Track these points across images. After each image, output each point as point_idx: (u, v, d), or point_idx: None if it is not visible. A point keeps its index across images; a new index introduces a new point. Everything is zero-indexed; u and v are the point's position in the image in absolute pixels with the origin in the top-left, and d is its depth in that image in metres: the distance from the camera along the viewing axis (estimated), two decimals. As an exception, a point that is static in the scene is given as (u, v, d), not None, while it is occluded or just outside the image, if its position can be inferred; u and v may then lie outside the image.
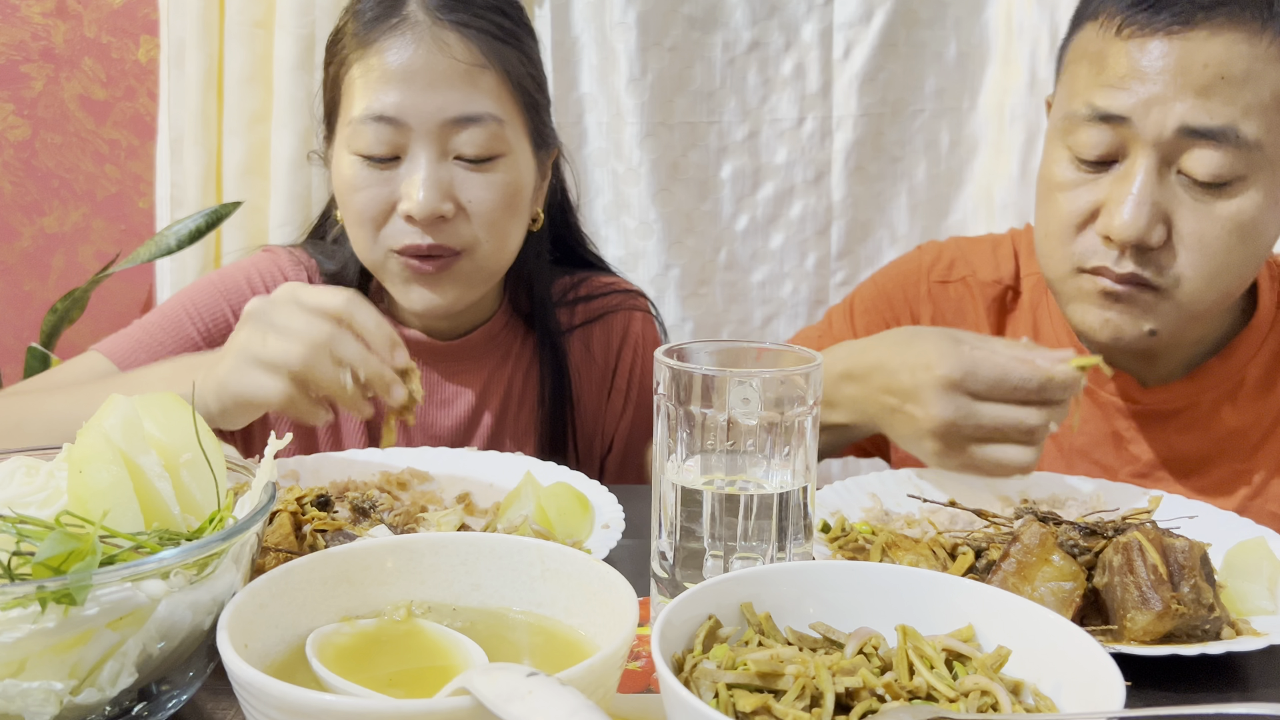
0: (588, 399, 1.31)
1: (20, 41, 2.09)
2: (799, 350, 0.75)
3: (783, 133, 1.97)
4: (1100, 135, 1.00)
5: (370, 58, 1.10)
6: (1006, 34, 1.94)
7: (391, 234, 1.12)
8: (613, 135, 1.95)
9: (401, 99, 1.09)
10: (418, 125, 1.09)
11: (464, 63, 1.10)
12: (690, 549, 0.72)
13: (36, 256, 2.17)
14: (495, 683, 0.47)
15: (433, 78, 1.09)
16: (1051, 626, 0.58)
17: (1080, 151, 1.02)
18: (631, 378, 1.32)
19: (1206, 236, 0.98)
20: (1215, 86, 0.95)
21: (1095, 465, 1.16)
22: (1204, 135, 0.95)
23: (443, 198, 1.09)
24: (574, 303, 1.32)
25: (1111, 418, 1.15)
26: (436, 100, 1.09)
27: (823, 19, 1.94)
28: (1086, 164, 1.02)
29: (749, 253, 2.02)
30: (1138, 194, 0.97)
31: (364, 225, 1.13)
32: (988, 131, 1.98)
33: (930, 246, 1.34)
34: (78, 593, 0.53)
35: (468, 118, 1.10)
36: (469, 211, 1.12)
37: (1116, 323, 1.03)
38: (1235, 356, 1.12)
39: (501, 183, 1.13)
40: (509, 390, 1.29)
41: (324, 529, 0.81)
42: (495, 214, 1.13)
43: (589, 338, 1.32)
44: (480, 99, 1.10)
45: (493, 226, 1.13)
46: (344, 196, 1.14)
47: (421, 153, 1.09)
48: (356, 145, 1.11)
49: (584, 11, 1.92)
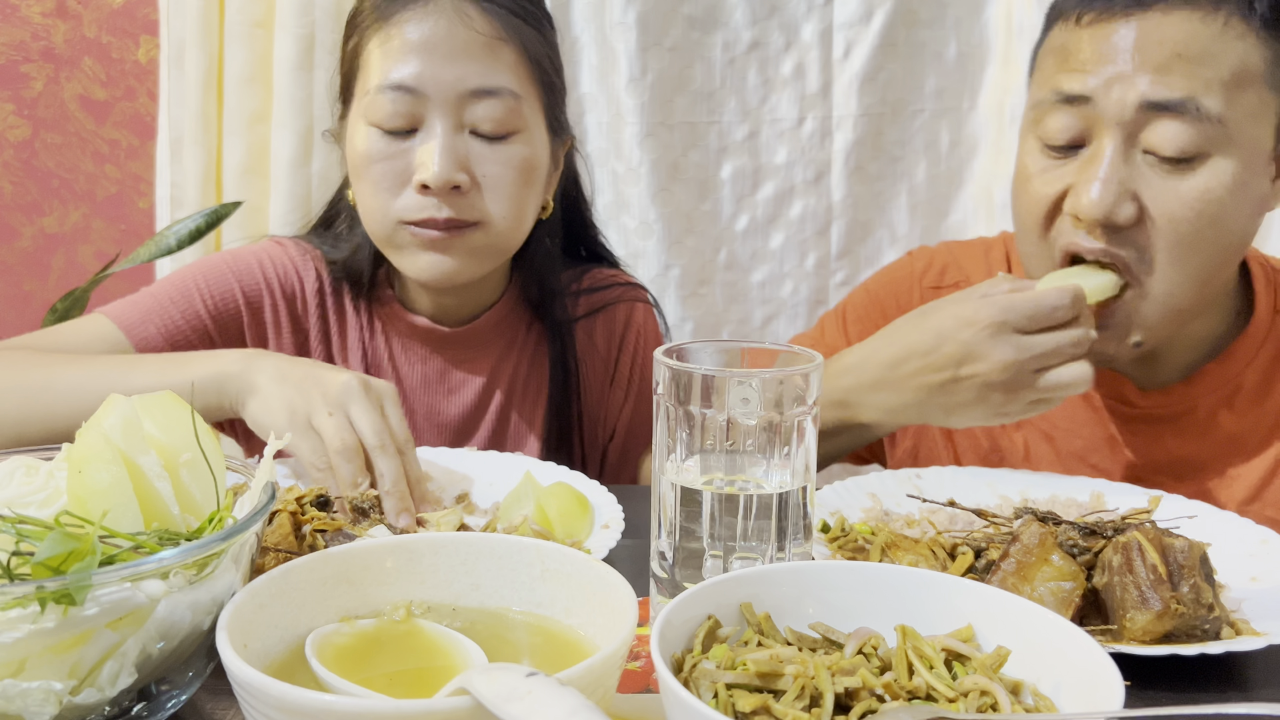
0: (591, 388, 1.32)
1: (20, 41, 2.09)
2: (799, 350, 0.75)
3: (783, 133, 1.97)
4: (1066, 119, 1.02)
5: (390, 29, 1.11)
6: (1006, 34, 1.94)
7: (406, 206, 1.11)
8: (613, 135, 1.95)
9: (421, 68, 1.09)
10: (435, 95, 1.09)
11: (484, 35, 1.10)
12: (690, 549, 0.72)
13: (36, 256, 2.17)
14: (495, 683, 0.47)
15: (453, 48, 1.09)
16: (1051, 626, 0.58)
17: (1048, 138, 1.04)
18: (633, 369, 1.33)
19: (1176, 215, 0.99)
20: (1173, 64, 0.97)
21: (1092, 469, 1.15)
22: (1165, 108, 0.97)
23: (458, 167, 1.09)
24: (578, 294, 1.33)
25: (1108, 422, 1.15)
26: (456, 71, 1.09)
27: (823, 19, 1.94)
28: (1055, 150, 1.04)
29: (749, 253, 2.01)
30: (1104, 172, 0.99)
31: (379, 195, 1.12)
32: (988, 131, 1.98)
33: (921, 253, 1.34)
34: (77, 593, 0.53)
35: (486, 90, 1.10)
36: (483, 185, 1.12)
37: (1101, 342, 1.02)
38: (1232, 361, 1.12)
39: (517, 158, 1.13)
40: (515, 378, 1.29)
41: (323, 529, 0.81)
42: (510, 188, 1.13)
43: (592, 328, 1.32)
44: (499, 72, 1.11)
45: (507, 201, 1.13)
46: (359, 168, 1.13)
47: (438, 123, 1.09)
48: (373, 115, 1.11)
49: (584, 11, 1.92)
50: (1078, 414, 1.16)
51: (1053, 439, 1.18)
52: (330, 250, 1.27)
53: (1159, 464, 1.13)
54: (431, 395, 1.27)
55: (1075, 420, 1.17)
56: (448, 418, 1.27)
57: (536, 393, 1.30)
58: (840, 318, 1.33)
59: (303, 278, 1.26)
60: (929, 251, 1.34)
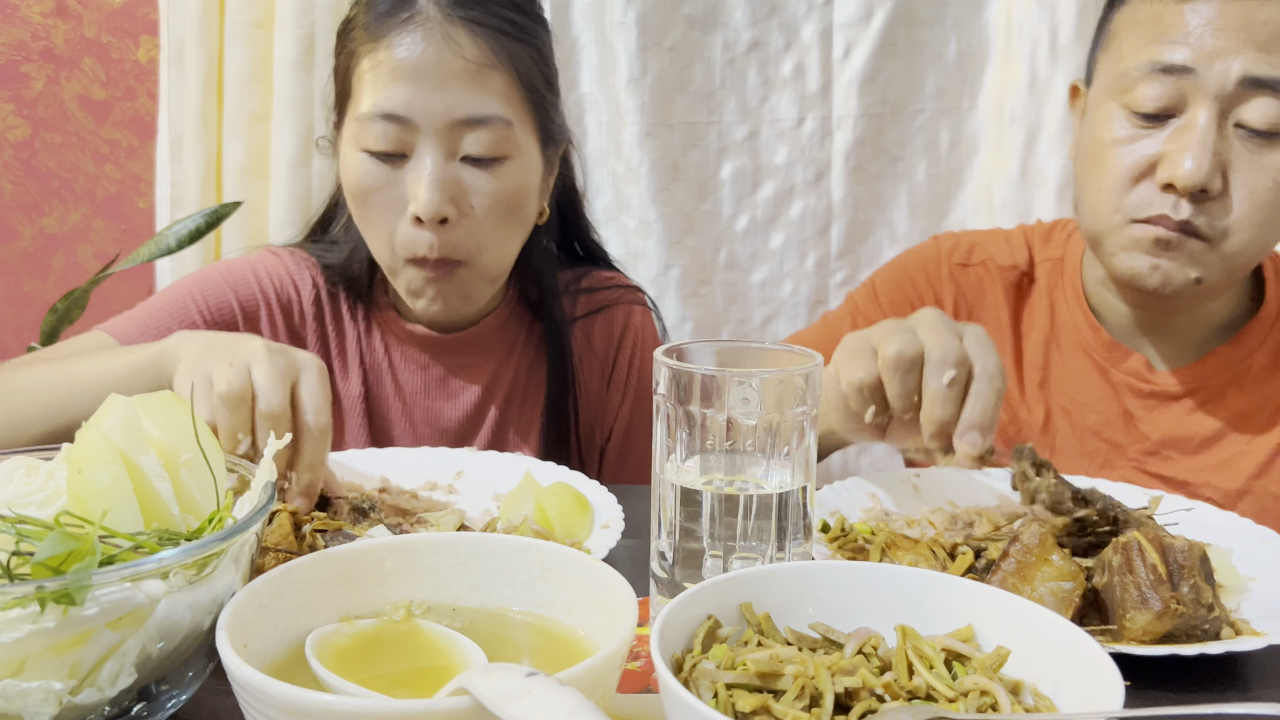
0: (588, 390, 1.32)
1: (20, 41, 2.09)
2: (799, 350, 0.75)
3: (783, 133, 1.97)
4: (1161, 88, 1.05)
5: (380, 52, 1.10)
6: (1006, 34, 1.94)
7: (404, 242, 1.12)
8: (613, 135, 1.95)
9: (410, 97, 1.08)
10: (425, 125, 1.08)
11: (474, 62, 1.09)
12: (690, 549, 0.72)
13: (36, 256, 2.17)
14: (495, 683, 0.46)
15: (442, 77, 1.08)
16: (1051, 626, 0.58)
17: (1139, 105, 1.07)
18: (631, 370, 1.33)
19: (1257, 187, 1.04)
20: (1274, 42, 1.02)
21: (1106, 443, 1.20)
22: (1264, 85, 1.02)
23: (447, 200, 1.09)
24: (575, 294, 1.33)
25: (1123, 397, 1.20)
26: (445, 100, 1.08)
27: (823, 19, 1.93)
28: (1143, 118, 1.07)
29: (749, 253, 2.01)
30: (1201, 141, 1.03)
31: (380, 227, 1.13)
32: (988, 131, 1.98)
33: (947, 235, 1.38)
34: (77, 593, 0.53)
35: (475, 119, 1.09)
36: (472, 217, 1.12)
37: (1166, 269, 1.08)
38: (1243, 343, 1.17)
39: (507, 186, 1.12)
40: (515, 382, 1.29)
41: (323, 529, 0.81)
42: (498, 222, 1.13)
43: (590, 329, 1.32)
44: (488, 100, 1.10)
45: (494, 235, 1.14)
46: (356, 196, 1.14)
47: (428, 153, 1.09)
48: (364, 142, 1.11)
49: (584, 11, 1.92)
50: (1095, 389, 1.21)
51: (1070, 413, 1.22)
52: (326, 255, 1.27)
53: (1171, 439, 1.18)
54: (431, 401, 1.27)
55: (1092, 395, 1.21)
56: (448, 422, 1.27)
57: (535, 395, 1.30)
58: (871, 291, 1.35)
59: (299, 287, 1.26)
60: (954, 235, 1.37)
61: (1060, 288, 1.26)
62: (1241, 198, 1.05)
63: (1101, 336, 1.21)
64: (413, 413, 1.27)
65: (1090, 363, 1.22)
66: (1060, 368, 1.24)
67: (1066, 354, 1.23)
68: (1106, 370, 1.21)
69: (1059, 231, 1.31)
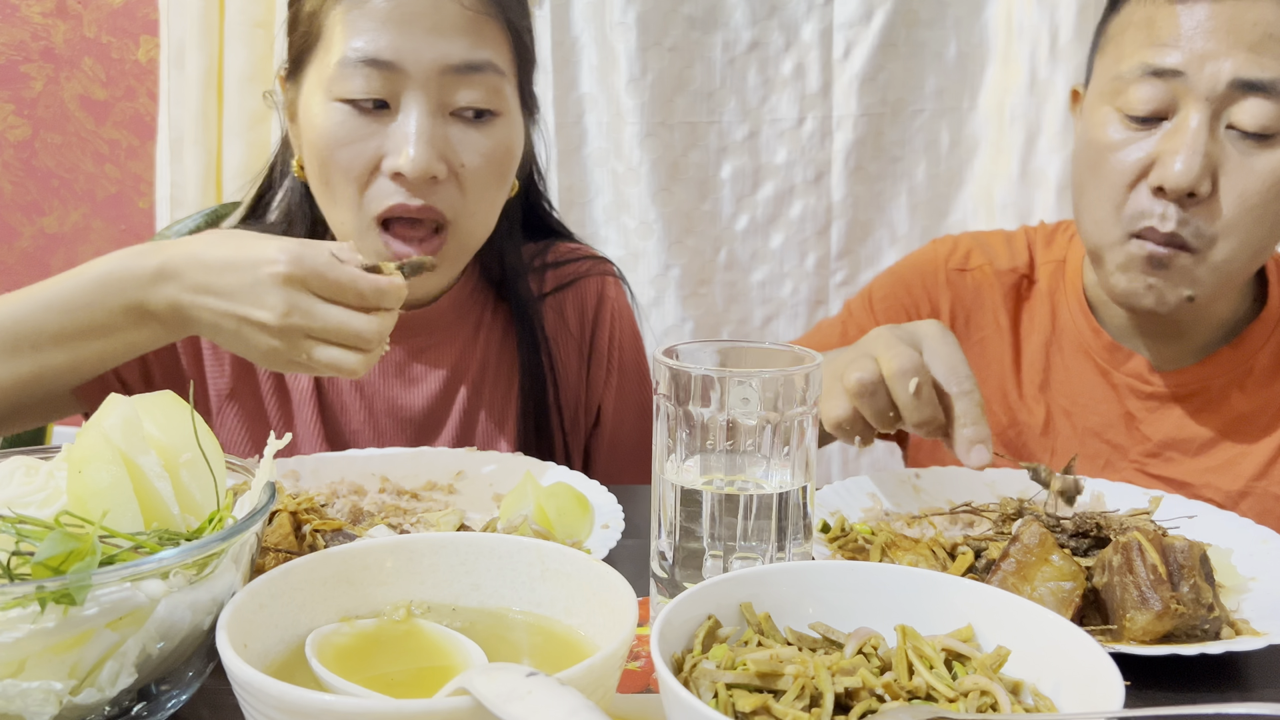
0: (567, 370, 1.23)
1: (20, 41, 2.09)
2: (799, 350, 0.75)
3: (783, 133, 1.97)
4: (1153, 90, 1.05)
5: None
6: (1006, 34, 1.94)
7: (376, 196, 1.03)
8: (613, 135, 1.95)
9: (399, 41, 1.00)
10: (415, 71, 1.00)
11: (470, 9, 1.02)
12: (690, 549, 0.72)
13: (36, 256, 2.17)
14: (495, 683, 0.46)
15: (436, 20, 1.00)
16: (1051, 626, 0.58)
17: (1131, 108, 1.07)
18: (612, 344, 1.25)
19: (1247, 191, 1.04)
20: (1265, 44, 1.02)
21: (1107, 445, 1.20)
22: (1256, 88, 1.02)
23: (437, 156, 1.01)
24: (542, 269, 1.24)
25: (1125, 398, 1.20)
26: (440, 45, 1.00)
27: (823, 19, 1.94)
28: (1136, 121, 1.07)
29: (749, 253, 2.02)
30: (1191, 144, 1.03)
31: (347, 185, 1.03)
32: (988, 131, 1.99)
33: (945, 239, 1.37)
34: (77, 593, 0.53)
35: (471, 65, 1.02)
36: (460, 176, 1.04)
37: (1160, 288, 1.08)
38: (1245, 345, 1.17)
39: (499, 147, 1.06)
40: (484, 365, 1.21)
41: (323, 529, 0.81)
42: (485, 184, 1.06)
43: (562, 305, 1.24)
44: (484, 47, 1.03)
45: (480, 198, 1.07)
46: (321, 150, 1.03)
47: (415, 104, 1.01)
48: (339, 89, 1.01)
49: (584, 11, 1.93)
50: (1096, 391, 1.21)
51: (1071, 415, 1.22)
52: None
53: (1172, 440, 1.18)
54: (391, 388, 1.18)
55: (1094, 397, 1.21)
56: (411, 411, 1.18)
57: (507, 381, 1.21)
58: (867, 301, 1.35)
59: None
60: (953, 238, 1.37)
61: (1061, 290, 1.26)
62: (1230, 202, 1.04)
63: (1103, 338, 1.21)
64: (371, 403, 1.17)
65: (1092, 364, 1.22)
66: (1061, 370, 1.24)
67: (1068, 356, 1.23)
68: (1108, 372, 1.21)
69: (1061, 234, 1.31)
